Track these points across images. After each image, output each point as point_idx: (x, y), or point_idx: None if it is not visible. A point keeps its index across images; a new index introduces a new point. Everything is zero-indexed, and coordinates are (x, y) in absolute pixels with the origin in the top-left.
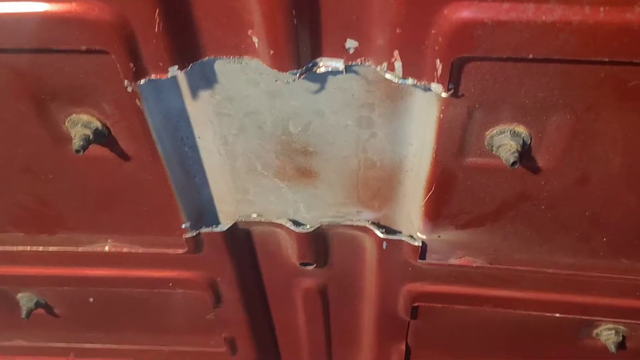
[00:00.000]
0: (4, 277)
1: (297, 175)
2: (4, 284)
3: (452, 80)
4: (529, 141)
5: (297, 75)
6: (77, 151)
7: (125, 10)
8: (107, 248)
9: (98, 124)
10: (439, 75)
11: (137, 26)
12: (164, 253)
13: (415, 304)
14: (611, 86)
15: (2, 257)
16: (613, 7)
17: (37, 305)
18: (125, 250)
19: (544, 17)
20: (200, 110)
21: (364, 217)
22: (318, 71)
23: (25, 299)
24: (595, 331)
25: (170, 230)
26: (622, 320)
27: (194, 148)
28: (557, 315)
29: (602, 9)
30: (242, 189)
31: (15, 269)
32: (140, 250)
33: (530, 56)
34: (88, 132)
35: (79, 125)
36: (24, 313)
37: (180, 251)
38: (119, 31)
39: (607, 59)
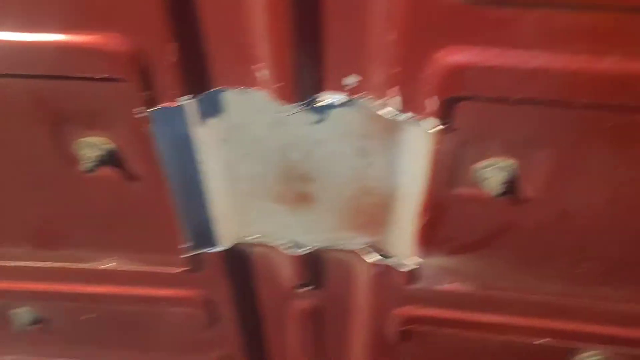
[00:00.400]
0: (4, 292)
1: (296, 200)
2: (3, 298)
3: (445, 116)
4: (516, 174)
5: (301, 107)
6: (87, 171)
7: (143, 43)
8: (108, 265)
9: (108, 146)
10: (433, 112)
11: (153, 57)
12: (164, 272)
13: (406, 327)
14: (590, 127)
15: (4, 272)
16: (590, 55)
17: (33, 320)
18: (126, 267)
19: (528, 63)
20: (207, 136)
21: (358, 241)
22: (320, 104)
23: (21, 314)
24: (578, 357)
25: (172, 249)
26: (605, 347)
27: (198, 171)
28: (542, 341)
29: (580, 57)
30: (242, 212)
31: (16, 284)
32: (141, 268)
33: (517, 97)
34: (98, 153)
35: (90, 146)
36: (19, 327)
37: (180, 270)
38: (135, 61)
39: (585, 102)
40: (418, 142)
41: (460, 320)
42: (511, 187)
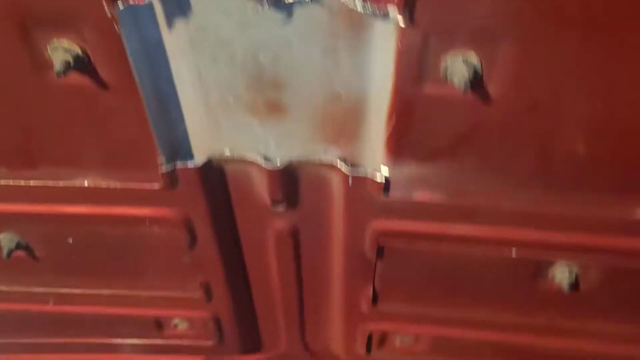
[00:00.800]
0: None
1: (267, 109)
2: None
3: (408, 6)
4: (480, 68)
5: (266, 3)
6: (58, 74)
7: None
8: (86, 183)
9: (78, 50)
10: (396, 1)
11: None
12: (140, 189)
13: (381, 244)
14: (555, 14)
15: None
16: None
17: (18, 246)
18: (103, 185)
19: None
20: (175, 41)
21: (331, 153)
22: (286, 0)
23: (6, 240)
24: (550, 271)
25: (147, 164)
26: (575, 256)
27: (170, 81)
28: (515, 253)
29: None
30: (215, 124)
31: None
32: (118, 185)
33: None
34: (69, 57)
35: (60, 50)
36: (5, 253)
37: (156, 186)
38: None
39: None
40: (384, 39)
41: (433, 233)
42: (478, 83)
